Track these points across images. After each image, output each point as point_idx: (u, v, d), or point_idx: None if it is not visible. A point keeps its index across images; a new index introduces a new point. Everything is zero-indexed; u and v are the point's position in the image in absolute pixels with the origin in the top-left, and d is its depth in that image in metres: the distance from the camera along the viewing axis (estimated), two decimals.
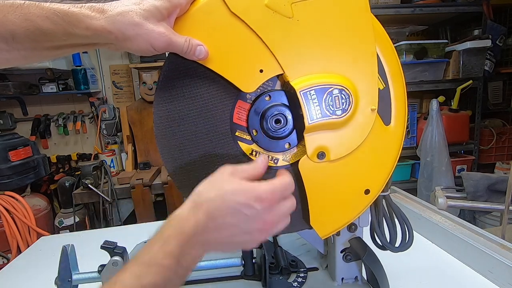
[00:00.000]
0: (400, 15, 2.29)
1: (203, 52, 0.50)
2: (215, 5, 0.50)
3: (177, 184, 0.58)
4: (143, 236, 0.97)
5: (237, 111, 0.56)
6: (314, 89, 0.51)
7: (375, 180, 0.57)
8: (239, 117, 0.56)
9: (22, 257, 1.03)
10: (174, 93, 0.54)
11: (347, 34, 0.52)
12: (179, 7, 0.48)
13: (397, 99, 0.56)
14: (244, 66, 0.52)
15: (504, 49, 2.62)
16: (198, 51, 0.49)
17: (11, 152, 2.14)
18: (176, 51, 0.49)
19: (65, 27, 0.43)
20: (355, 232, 0.66)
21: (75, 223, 2.06)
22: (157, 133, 0.55)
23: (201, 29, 0.51)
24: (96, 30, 0.43)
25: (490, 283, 0.73)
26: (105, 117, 2.59)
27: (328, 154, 0.53)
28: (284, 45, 0.51)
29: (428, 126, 2.15)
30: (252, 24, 0.50)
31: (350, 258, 0.67)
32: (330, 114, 0.52)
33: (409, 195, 1.13)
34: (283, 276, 0.73)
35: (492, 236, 0.79)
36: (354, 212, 0.57)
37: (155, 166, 2.37)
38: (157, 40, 0.45)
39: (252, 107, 0.55)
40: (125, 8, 0.44)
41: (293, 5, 0.50)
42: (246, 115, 0.56)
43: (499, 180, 1.08)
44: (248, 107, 0.56)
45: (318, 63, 0.52)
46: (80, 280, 0.60)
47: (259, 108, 0.55)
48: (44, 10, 0.42)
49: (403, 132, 0.57)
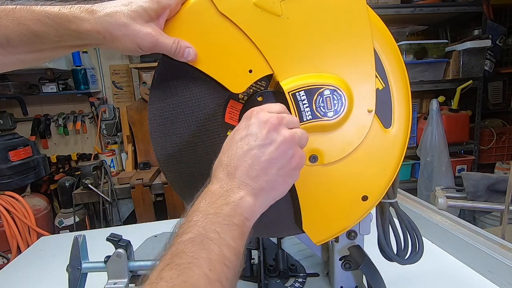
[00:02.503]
0: (400, 15, 2.29)
1: (191, 54, 0.50)
2: (204, 6, 0.50)
3: (172, 186, 0.58)
4: (143, 236, 0.97)
5: (229, 111, 0.55)
6: (303, 90, 0.50)
7: (374, 187, 0.53)
8: (231, 117, 0.55)
9: (22, 257, 1.03)
10: (168, 92, 0.54)
11: (341, 32, 0.50)
12: (168, 9, 0.49)
13: (399, 100, 0.53)
14: (233, 67, 0.51)
15: (504, 49, 2.62)
16: (187, 53, 0.50)
17: (11, 152, 2.14)
18: (164, 52, 0.49)
19: (56, 28, 0.44)
20: (355, 239, 0.63)
21: (75, 223, 2.06)
22: (151, 131, 0.55)
23: (191, 30, 0.50)
24: (86, 31, 0.44)
25: (490, 283, 0.73)
26: (105, 117, 2.59)
27: (321, 157, 0.51)
28: (274, 44, 0.50)
29: (428, 126, 2.15)
30: (240, 24, 0.50)
31: (349, 267, 0.63)
32: (321, 116, 0.50)
33: (409, 195, 1.13)
34: (281, 280, 0.72)
35: (492, 236, 0.79)
36: (351, 219, 0.55)
37: (155, 166, 2.37)
38: (143, 41, 0.46)
39: (244, 107, 0.55)
40: (113, 9, 0.45)
41: (282, 3, 0.49)
42: (238, 115, 0.55)
43: (499, 180, 1.08)
44: (240, 107, 0.55)
45: (309, 63, 0.51)
46: (88, 268, 0.62)
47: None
48: (35, 13, 0.43)
49: (407, 136, 0.53)
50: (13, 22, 0.43)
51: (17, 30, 0.43)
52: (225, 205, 0.38)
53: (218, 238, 0.35)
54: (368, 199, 0.53)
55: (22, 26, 0.43)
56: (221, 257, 0.34)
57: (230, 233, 0.36)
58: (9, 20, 0.43)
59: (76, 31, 0.44)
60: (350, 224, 0.55)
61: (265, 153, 0.41)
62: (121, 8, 0.45)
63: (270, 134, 0.42)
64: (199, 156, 0.55)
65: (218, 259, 0.33)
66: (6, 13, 0.43)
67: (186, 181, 0.57)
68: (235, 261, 0.35)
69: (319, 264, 0.78)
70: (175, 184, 0.57)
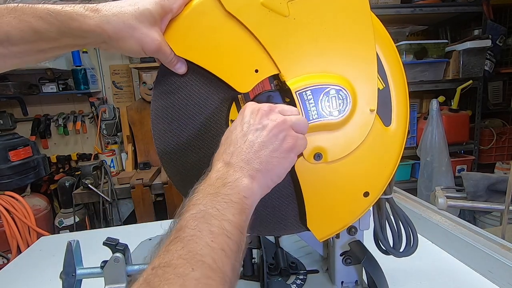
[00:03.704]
0: (400, 15, 2.29)
1: (183, 68, 0.52)
2: (209, 6, 0.50)
3: (172, 180, 0.58)
4: (143, 236, 0.97)
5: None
6: (310, 89, 0.51)
7: (375, 183, 0.55)
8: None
9: (22, 257, 1.03)
10: (171, 88, 0.54)
11: (346, 33, 0.51)
12: (170, 13, 0.49)
13: (398, 100, 0.55)
14: (239, 66, 0.52)
15: (504, 49, 2.61)
16: (179, 66, 0.52)
17: (11, 152, 2.14)
18: (162, 58, 0.51)
19: (58, 26, 0.44)
20: (355, 235, 0.65)
21: (75, 223, 2.06)
22: (153, 127, 0.56)
23: (196, 30, 0.51)
24: (89, 29, 0.45)
25: (490, 283, 0.73)
26: (105, 117, 2.59)
27: (325, 155, 0.53)
28: (280, 44, 0.51)
29: (428, 126, 2.15)
30: (247, 23, 0.50)
31: (350, 262, 0.65)
32: (326, 115, 0.51)
33: (409, 195, 1.13)
34: (282, 278, 0.72)
35: (492, 236, 0.79)
36: (353, 215, 0.56)
37: (155, 166, 2.37)
38: (149, 45, 0.47)
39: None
40: (120, 9, 0.46)
41: (289, 3, 0.49)
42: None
43: (499, 180, 1.08)
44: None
45: (315, 63, 0.51)
46: (83, 274, 0.61)
47: None
48: (37, 11, 0.43)
49: (405, 133, 0.55)
50: (15, 20, 0.43)
51: (19, 28, 0.43)
52: (222, 186, 0.40)
53: (218, 214, 0.37)
54: (369, 195, 0.55)
55: (23, 23, 0.43)
56: (222, 229, 0.35)
57: (229, 209, 0.38)
58: (10, 17, 0.43)
59: (78, 29, 0.44)
60: (352, 220, 0.57)
61: (258, 137, 0.44)
62: (128, 8, 0.46)
63: (262, 120, 0.45)
64: (202, 152, 0.56)
65: (219, 231, 0.35)
66: (9, 11, 0.43)
67: (185, 176, 0.57)
68: (237, 234, 0.37)
69: (318, 261, 0.79)
70: (174, 178, 0.58)
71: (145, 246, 0.93)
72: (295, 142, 0.45)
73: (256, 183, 0.43)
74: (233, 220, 0.37)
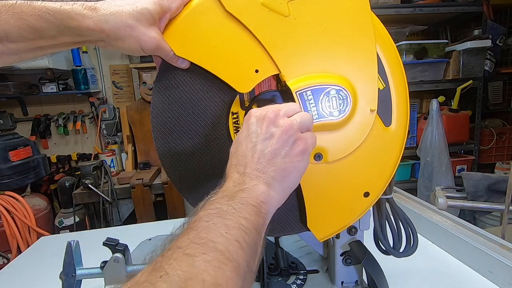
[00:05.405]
0: (400, 15, 2.29)
1: (185, 62, 0.52)
2: (209, 6, 0.50)
3: (172, 181, 0.58)
4: (143, 236, 0.97)
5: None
6: (310, 90, 0.50)
7: (375, 183, 0.55)
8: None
9: (22, 257, 1.03)
10: (172, 83, 0.54)
11: (346, 33, 0.51)
12: (169, 12, 0.49)
13: (398, 100, 0.55)
14: (239, 66, 0.52)
15: (504, 49, 2.61)
16: (181, 61, 0.52)
17: (11, 152, 2.14)
18: (163, 55, 0.51)
19: (57, 24, 0.44)
20: (355, 235, 0.65)
21: (75, 223, 2.06)
22: (153, 127, 0.56)
23: (195, 30, 0.51)
24: (87, 28, 0.45)
25: (490, 283, 0.73)
26: (105, 117, 2.59)
27: (326, 155, 0.53)
28: (280, 44, 0.50)
29: (428, 126, 2.15)
30: (247, 23, 0.50)
31: (350, 262, 0.65)
32: (327, 115, 0.51)
33: (409, 195, 1.13)
34: (282, 278, 0.73)
35: (492, 236, 0.79)
36: (353, 215, 0.56)
37: (155, 166, 2.37)
38: (147, 43, 0.48)
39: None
40: (118, 8, 0.46)
41: (290, 3, 0.49)
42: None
43: (499, 180, 1.08)
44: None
45: (315, 63, 0.51)
46: (83, 275, 0.61)
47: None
48: (36, 9, 0.44)
49: (405, 133, 0.55)
50: (13, 17, 0.43)
51: (17, 25, 0.43)
52: (240, 191, 0.40)
53: (235, 211, 0.36)
54: (369, 195, 0.55)
55: (22, 21, 0.43)
56: (237, 224, 0.35)
57: (246, 209, 0.37)
58: (9, 15, 0.43)
59: (77, 28, 0.45)
60: (352, 220, 0.57)
61: (267, 146, 0.43)
62: (126, 8, 0.46)
63: (269, 128, 0.44)
64: (202, 152, 0.56)
65: (235, 225, 0.34)
66: (7, 8, 0.43)
67: (185, 176, 0.57)
68: (253, 233, 0.36)
69: (318, 261, 0.79)
70: (175, 179, 0.58)
71: (145, 246, 0.93)
72: (305, 144, 0.45)
73: (274, 191, 0.42)
74: (249, 219, 0.36)
